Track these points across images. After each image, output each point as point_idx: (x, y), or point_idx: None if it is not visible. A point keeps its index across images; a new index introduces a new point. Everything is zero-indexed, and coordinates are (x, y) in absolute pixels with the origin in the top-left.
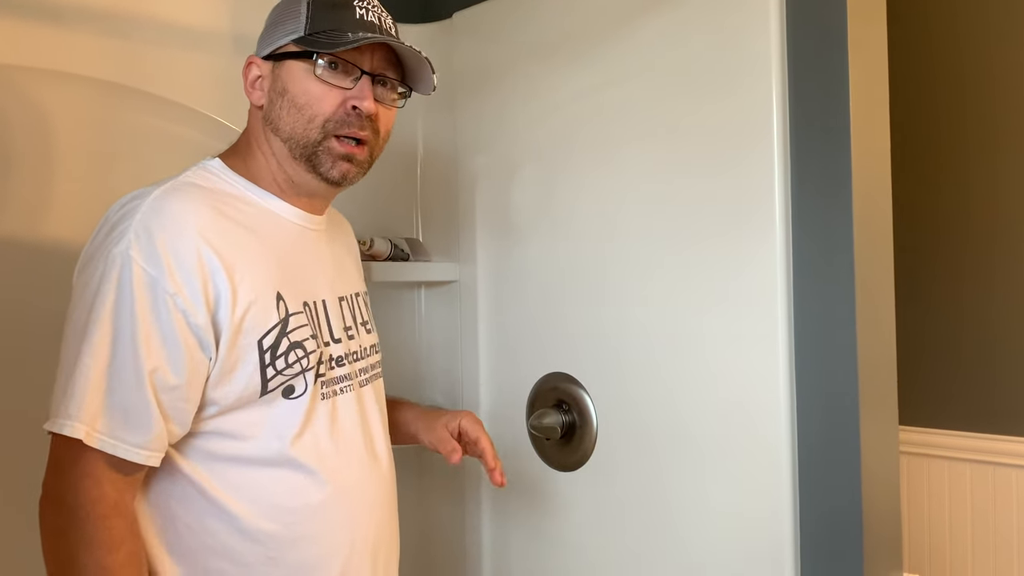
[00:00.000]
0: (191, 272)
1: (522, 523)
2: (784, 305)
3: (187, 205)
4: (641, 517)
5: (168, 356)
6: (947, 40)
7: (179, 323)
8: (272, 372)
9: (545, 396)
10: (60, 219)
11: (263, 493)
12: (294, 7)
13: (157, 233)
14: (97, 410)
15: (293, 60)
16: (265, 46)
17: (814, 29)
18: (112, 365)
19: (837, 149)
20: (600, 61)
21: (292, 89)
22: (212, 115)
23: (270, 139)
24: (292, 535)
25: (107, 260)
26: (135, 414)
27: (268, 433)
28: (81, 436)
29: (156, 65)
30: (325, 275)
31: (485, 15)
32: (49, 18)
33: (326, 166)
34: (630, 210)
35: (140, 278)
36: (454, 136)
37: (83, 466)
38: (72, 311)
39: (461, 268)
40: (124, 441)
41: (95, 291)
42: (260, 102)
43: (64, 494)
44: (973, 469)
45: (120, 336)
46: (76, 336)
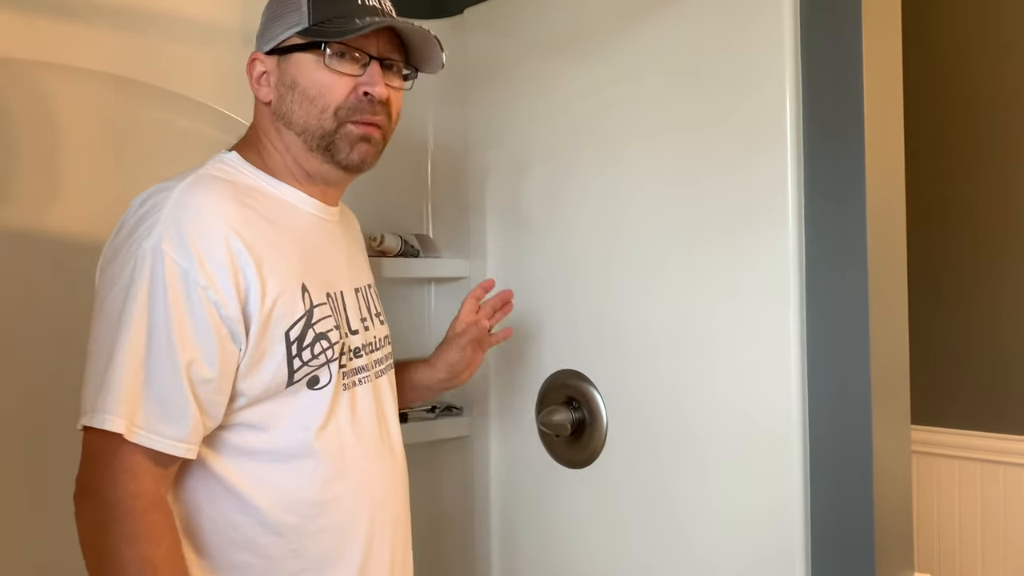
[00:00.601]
0: (222, 264)
1: (531, 520)
2: (796, 303)
3: (214, 198)
4: (651, 514)
5: (203, 348)
6: (959, 45)
7: (212, 315)
8: (299, 363)
9: (555, 393)
10: (70, 211)
11: (287, 486)
12: (293, 1)
13: (187, 226)
14: (136, 404)
15: (300, 52)
16: (267, 41)
17: (828, 25)
18: (149, 358)
19: (851, 147)
20: (610, 58)
21: (302, 81)
22: (221, 109)
23: (282, 133)
24: (314, 527)
25: (138, 254)
26: (173, 407)
27: (293, 424)
28: (121, 430)
29: (165, 60)
30: (342, 266)
31: (496, 11)
32: (59, 13)
33: (344, 152)
34: (640, 207)
35: (173, 271)
36: (464, 132)
37: (122, 460)
38: (101, 306)
39: (471, 264)
40: (163, 435)
41: (127, 286)
42: (268, 98)
43: (103, 489)
44: (983, 468)
45: (155, 329)
46: (109, 331)
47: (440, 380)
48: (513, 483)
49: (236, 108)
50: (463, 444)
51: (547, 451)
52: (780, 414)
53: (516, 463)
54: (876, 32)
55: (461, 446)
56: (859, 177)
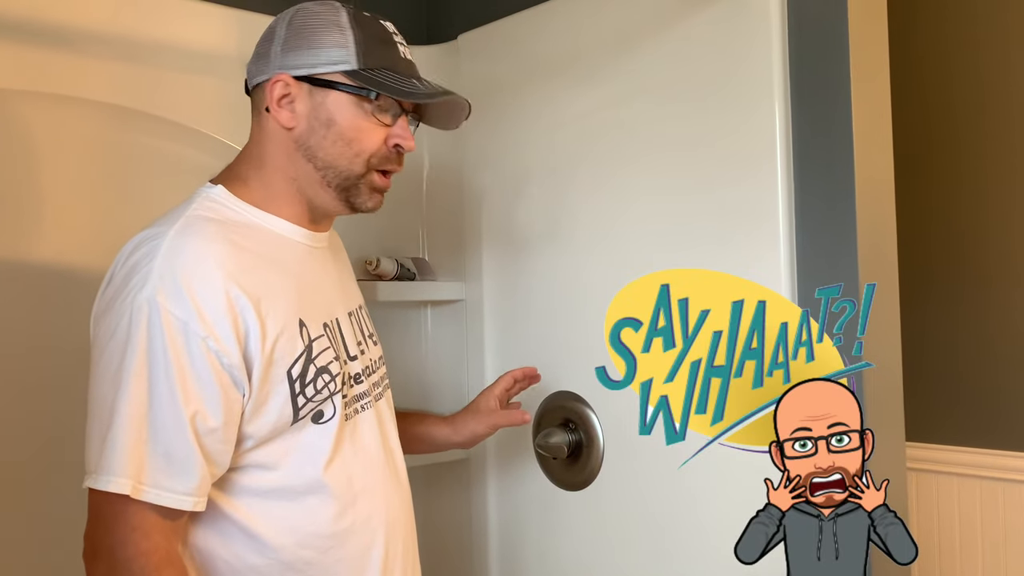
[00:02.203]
0: (221, 312)
1: (528, 542)
2: None
3: (206, 243)
4: (648, 536)
5: (206, 399)
6: (943, 58)
7: (213, 365)
8: (303, 400)
9: (552, 415)
10: (65, 241)
11: (300, 522)
12: (335, 33)
13: (181, 276)
14: (141, 461)
15: (342, 92)
16: (298, 67)
17: (816, 46)
18: (152, 413)
19: (840, 166)
20: (604, 82)
21: (341, 122)
22: (218, 136)
23: (298, 164)
24: (331, 559)
25: (132, 307)
26: (179, 461)
27: (300, 459)
28: (128, 491)
29: (161, 88)
30: (335, 292)
31: (489, 37)
32: (54, 42)
33: (363, 198)
34: (635, 228)
35: (170, 323)
36: (460, 155)
37: (130, 519)
38: (98, 361)
39: (467, 287)
40: (170, 490)
41: (124, 340)
42: (291, 124)
43: (115, 548)
44: (983, 486)
45: (156, 383)
46: (108, 387)
47: (457, 444)
48: (511, 505)
49: (233, 135)
50: (461, 467)
51: (544, 473)
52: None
53: (514, 485)
54: (863, 50)
55: (459, 469)
56: (849, 195)
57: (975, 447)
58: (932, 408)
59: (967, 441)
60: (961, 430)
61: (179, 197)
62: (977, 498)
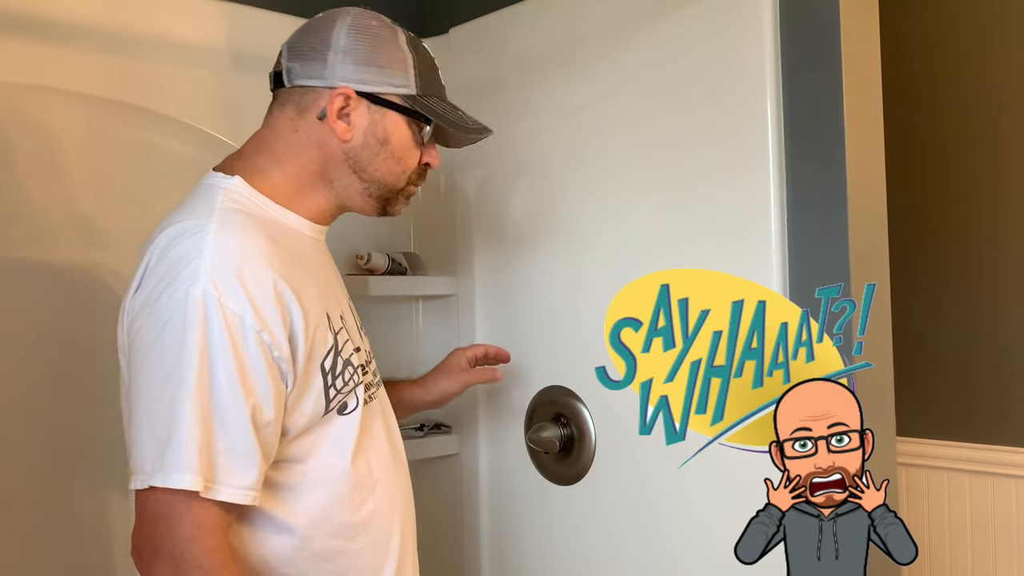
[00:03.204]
0: (272, 306)
1: (521, 536)
2: None
3: (249, 237)
4: (640, 530)
5: (262, 392)
6: (949, 50)
7: (267, 358)
8: (333, 392)
9: (543, 409)
10: (57, 234)
11: (330, 512)
12: (397, 54)
13: (235, 270)
14: (209, 458)
15: (399, 114)
16: (366, 83)
17: (808, 41)
18: (216, 410)
19: (832, 162)
20: (596, 77)
21: (395, 142)
22: (209, 130)
23: (342, 173)
24: (356, 547)
25: (186, 303)
26: (241, 456)
27: (329, 450)
28: (198, 488)
29: (154, 82)
30: (338, 284)
31: (481, 30)
32: (47, 36)
33: (398, 206)
34: (626, 224)
35: (228, 318)
36: (451, 150)
37: (195, 517)
38: (146, 359)
39: (458, 282)
40: (234, 485)
41: (179, 337)
42: (347, 137)
43: (181, 548)
44: (973, 480)
45: (218, 379)
46: (163, 385)
47: (428, 403)
48: (502, 500)
49: (224, 129)
50: (452, 462)
51: (536, 468)
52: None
53: (505, 480)
54: (855, 48)
55: (450, 464)
56: (841, 193)
57: (964, 441)
58: (921, 402)
59: (956, 435)
60: (951, 424)
61: (169, 190)
62: (967, 492)
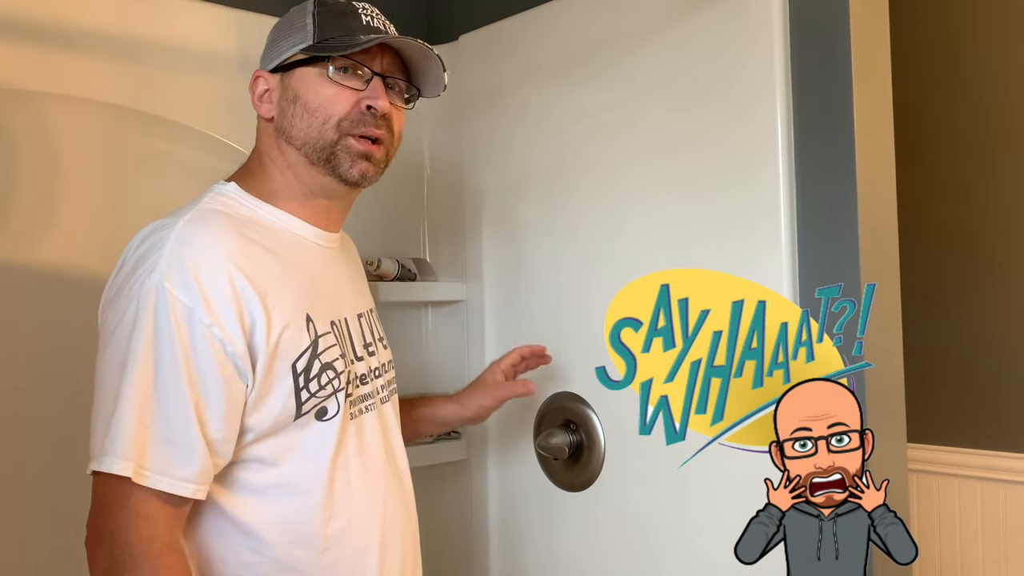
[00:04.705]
0: (226, 301)
1: (530, 543)
2: None
3: (215, 233)
4: (649, 537)
5: (209, 387)
6: (959, 51)
7: (217, 353)
8: (306, 395)
9: (553, 416)
10: (67, 241)
11: (297, 521)
12: (299, 20)
13: (189, 264)
14: (144, 446)
15: (304, 67)
16: (271, 59)
17: (818, 42)
18: (156, 398)
19: (842, 165)
20: (604, 82)
21: (304, 95)
22: (219, 137)
23: (284, 150)
24: (326, 560)
25: (141, 293)
26: (182, 447)
27: (302, 457)
28: (129, 474)
29: (163, 88)
30: (345, 293)
31: (490, 37)
32: (57, 43)
33: (345, 166)
34: (636, 229)
35: (176, 309)
36: (461, 156)
37: (134, 504)
38: (105, 346)
39: (468, 288)
40: (172, 476)
41: (131, 325)
42: (270, 114)
43: (117, 534)
44: (984, 487)
45: (161, 369)
46: (114, 371)
47: (465, 419)
48: (512, 507)
49: (234, 136)
50: (461, 468)
51: (545, 474)
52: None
53: (514, 487)
54: (865, 49)
55: (459, 470)
56: (851, 195)
57: (976, 448)
58: (933, 409)
59: (968, 442)
60: (962, 431)
61: (179, 197)
62: (978, 499)
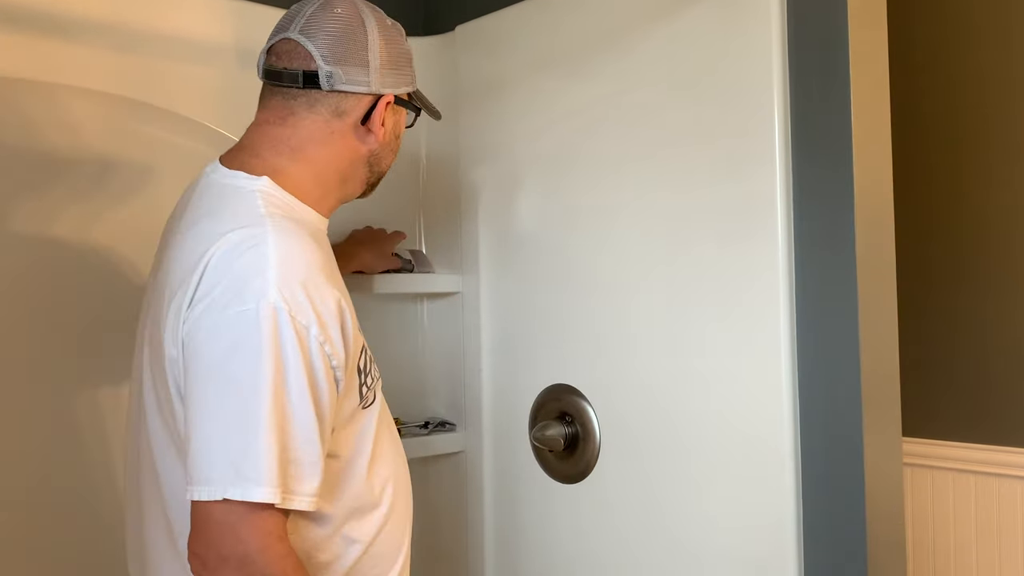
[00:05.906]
0: (333, 317)
1: (525, 534)
2: (787, 316)
3: (306, 246)
4: (644, 530)
5: (325, 402)
6: (958, 49)
7: (327, 368)
8: (365, 390)
9: (548, 408)
10: (66, 229)
11: (362, 503)
12: (408, 54)
13: (300, 283)
14: (285, 469)
15: (403, 108)
16: (395, 86)
17: (816, 37)
18: (290, 422)
19: (839, 160)
20: (601, 74)
21: (398, 133)
22: (215, 127)
23: (362, 170)
24: (383, 534)
25: (258, 315)
26: (307, 466)
27: (358, 444)
28: (276, 500)
29: (161, 78)
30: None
31: (487, 28)
32: (55, 33)
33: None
34: (632, 222)
35: (297, 330)
36: (457, 148)
37: (264, 525)
38: (218, 370)
39: (464, 280)
40: (302, 494)
41: (253, 350)
42: (384, 139)
43: (251, 556)
44: (978, 480)
45: (291, 391)
46: (238, 395)
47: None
48: (507, 498)
49: (229, 125)
50: (457, 460)
51: (540, 466)
52: (772, 427)
53: (510, 478)
54: (863, 46)
55: (455, 462)
56: (848, 189)
57: (970, 442)
58: (927, 403)
59: (962, 436)
60: (956, 425)
61: (175, 186)
62: (971, 493)
